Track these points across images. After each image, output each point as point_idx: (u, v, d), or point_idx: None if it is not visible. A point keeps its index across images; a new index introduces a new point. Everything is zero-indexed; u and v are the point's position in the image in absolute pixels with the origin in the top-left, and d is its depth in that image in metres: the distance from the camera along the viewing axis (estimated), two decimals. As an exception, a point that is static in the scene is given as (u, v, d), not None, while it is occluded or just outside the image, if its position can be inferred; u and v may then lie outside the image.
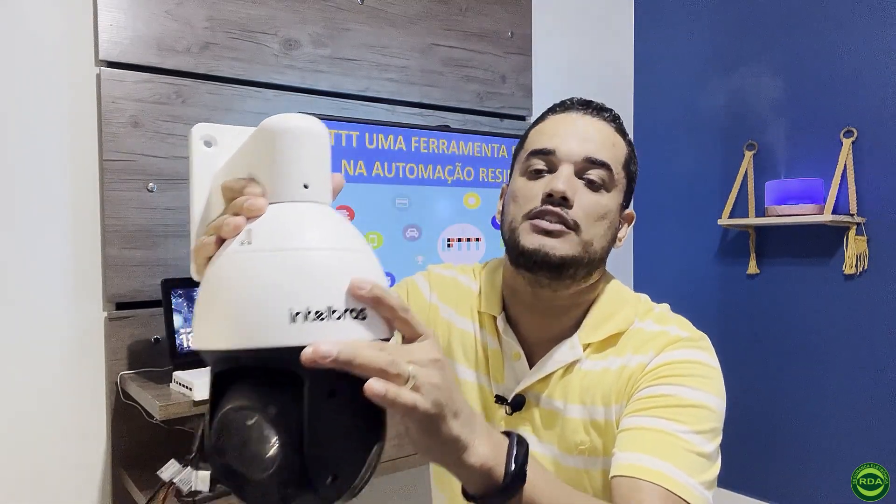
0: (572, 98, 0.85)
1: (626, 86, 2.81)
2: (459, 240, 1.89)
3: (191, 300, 1.48)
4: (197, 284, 0.46)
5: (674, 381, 0.72)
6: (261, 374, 0.42)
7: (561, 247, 0.74)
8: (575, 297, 0.80)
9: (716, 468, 0.69)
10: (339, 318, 0.41)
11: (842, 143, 2.18)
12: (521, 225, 0.76)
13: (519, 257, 0.76)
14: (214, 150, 0.49)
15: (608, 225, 0.78)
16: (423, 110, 2.08)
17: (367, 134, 1.71)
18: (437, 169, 1.84)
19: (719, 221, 2.43)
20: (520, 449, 0.52)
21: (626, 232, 0.84)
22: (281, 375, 0.40)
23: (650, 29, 2.77)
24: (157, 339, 1.59)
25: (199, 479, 0.64)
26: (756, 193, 2.39)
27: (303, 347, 0.39)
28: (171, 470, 0.64)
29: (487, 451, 0.50)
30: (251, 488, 0.41)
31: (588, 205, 0.75)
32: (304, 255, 0.42)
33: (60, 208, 1.52)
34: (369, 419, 0.43)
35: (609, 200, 0.78)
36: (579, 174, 0.77)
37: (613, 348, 0.79)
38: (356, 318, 0.42)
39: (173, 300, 1.45)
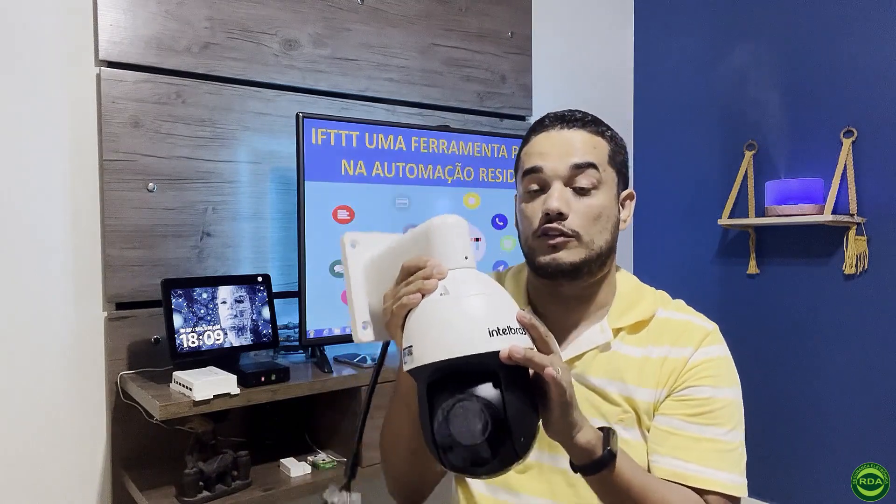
0: (549, 115, 0.93)
1: (626, 86, 2.81)
2: (459, 240, 1.89)
3: (191, 300, 1.48)
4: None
5: (711, 382, 0.86)
6: (460, 379, 0.62)
7: (567, 256, 0.86)
8: (594, 287, 0.92)
9: (744, 452, 0.86)
10: (513, 333, 0.64)
11: (842, 143, 2.18)
12: (532, 244, 0.89)
13: (537, 270, 0.89)
14: (359, 248, 0.77)
15: (605, 220, 0.88)
16: (423, 110, 2.08)
17: (367, 134, 1.71)
18: (437, 169, 1.84)
19: (719, 221, 2.43)
20: (613, 437, 0.73)
21: (630, 211, 0.95)
22: (476, 377, 0.62)
23: (650, 29, 2.77)
24: (157, 339, 1.59)
25: (352, 501, 0.82)
26: (756, 193, 2.39)
27: (498, 352, 0.61)
28: (333, 494, 0.82)
29: (591, 435, 0.71)
30: (470, 452, 0.61)
31: (582, 211, 0.86)
32: (489, 297, 0.66)
33: (60, 208, 1.52)
34: (534, 400, 0.65)
35: (601, 199, 0.88)
36: (569, 183, 0.87)
37: (648, 336, 0.90)
38: (521, 333, 0.65)
39: (173, 300, 1.45)
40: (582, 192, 0.87)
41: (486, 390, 0.62)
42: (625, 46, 2.80)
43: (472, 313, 0.64)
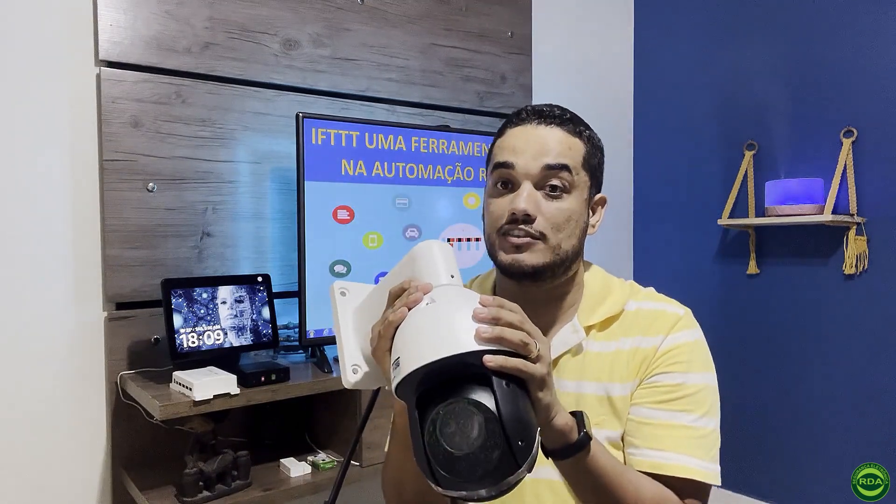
0: (526, 108, 0.89)
1: (626, 86, 2.81)
2: (459, 240, 1.89)
3: (191, 300, 1.48)
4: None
5: (680, 369, 0.85)
6: (450, 385, 0.58)
7: (531, 258, 0.83)
8: (561, 288, 0.89)
9: (718, 437, 0.85)
10: None
11: (842, 143, 2.18)
12: (495, 241, 0.86)
13: (500, 269, 0.87)
14: (349, 297, 0.77)
15: (574, 225, 0.85)
16: (423, 110, 2.08)
17: (367, 134, 1.71)
18: (437, 169, 1.84)
19: (719, 221, 2.43)
20: (586, 420, 0.72)
21: (600, 216, 0.92)
22: (467, 380, 0.58)
23: (650, 28, 2.77)
24: (157, 339, 1.59)
25: None
26: (756, 193, 2.39)
27: (486, 350, 0.58)
28: None
29: (567, 418, 0.70)
30: (466, 463, 0.56)
31: (551, 214, 0.83)
32: (476, 301, 0.64)
33: (60, 208, 1.52)
34: (527, 400, 0.61)
35: (571, 203, 0.84)
36: (540, 184, 0.84)
37: (620, 329, 0.88)
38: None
39: (173, 300, 1.45)
40: (552, 194, 0.83)
41: (478, 392, 0.57)
42: (625, 46, 2.80)
43: (458, 315, 0.61)
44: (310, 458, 1.56)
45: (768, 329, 2.39)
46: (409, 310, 0.64)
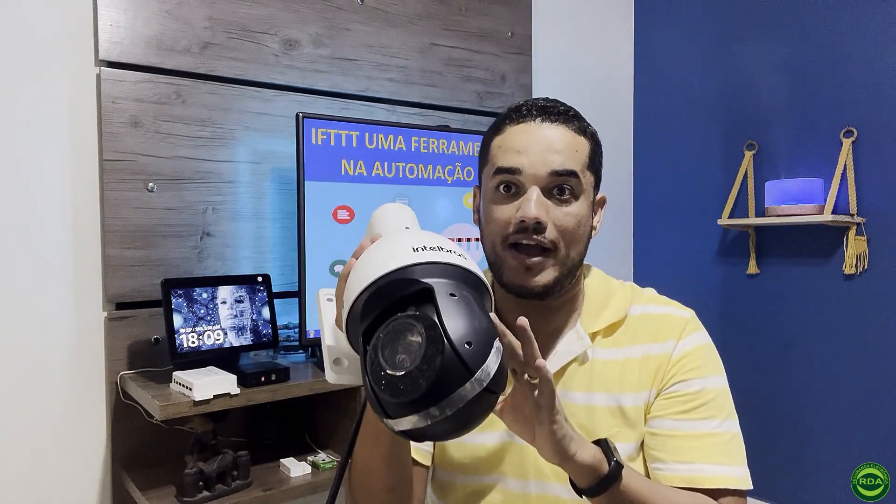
0: (528, 104, 0.83)
1: (626, 86, 2.81)
2: (459, 240, 1.89)
3: (191, 300, 1.48)
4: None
5: (698, 374, 0.83)
6: (391, 309, 0.53)
7: (543, 277, 0.79)
8: (563, 296, 0.85)
9: (741, 439, 0.84)
10: (442, 251, 0.57)
11: (842, 143, 2.18)
12: (501, 252, 0.81)
13: (505, 286, 0.82)
14: (335, 301, 0.73)
15: (582, 229, 0.81)
16: (423, 110, 2.08)
17: (367, 134, 1.71)
18: (437, 169, 1.84)
19: (719, 221, 2.43)
20: (615, 450, 0.69)
21: (600, 216, 0.88)
22: (408, 299, 0.53)
23: (650, 28, 2.77)
24: (157, 339, 1.59)
25: None
26: (756, 193, 2.39)
27: (427, 264, 0.54)
28: None
29: (592, 450, 0.67)
30: (412, 382, 0.49)
31: (561, 220, 0.79)
32: (420, 231, 0.63)
33: (60, 208, 1.52)
34: (484, 312, 0.54)
35: (579, 207, 0.81)
36: (548, 189, 0.79)
37: (626, 336, 0.85)
38: (455, 254, 0.58)
39: (173, 300, 1.45)
40: (561, 198, 0.79)
41: (418, 305, 0.52)
42: (625, 46, 2.80)
43: (394, 239, 0.58)
44: (310, 458, 1.56)
45: (768, 329, 2.39)
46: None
